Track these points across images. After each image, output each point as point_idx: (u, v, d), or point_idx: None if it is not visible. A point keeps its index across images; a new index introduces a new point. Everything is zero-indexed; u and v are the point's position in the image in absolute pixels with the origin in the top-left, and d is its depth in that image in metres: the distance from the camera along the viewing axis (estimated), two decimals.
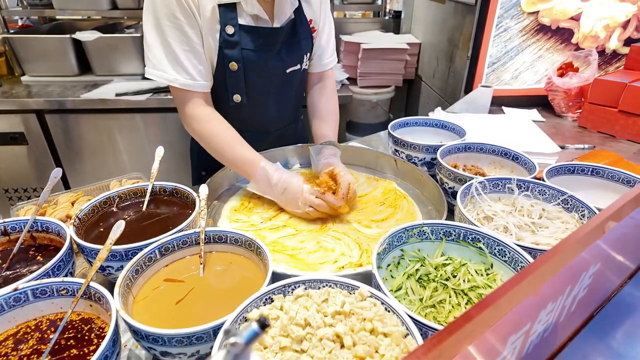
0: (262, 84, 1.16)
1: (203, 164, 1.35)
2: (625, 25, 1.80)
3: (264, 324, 0.25)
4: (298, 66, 1.20)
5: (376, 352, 0.53)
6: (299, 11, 1.15)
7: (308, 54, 1.22)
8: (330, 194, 0.98)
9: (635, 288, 0.73)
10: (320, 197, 0.97)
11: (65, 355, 0.59)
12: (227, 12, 1.02)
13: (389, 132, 1.26)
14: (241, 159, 1.05)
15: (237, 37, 1.05)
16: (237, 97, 1.14)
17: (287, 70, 1.18)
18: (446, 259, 0.76)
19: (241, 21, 1.05)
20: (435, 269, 0.74)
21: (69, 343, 0.61)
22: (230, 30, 1.03)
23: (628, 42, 1.82)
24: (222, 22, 1.02)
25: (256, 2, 1.03)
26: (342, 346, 0.54)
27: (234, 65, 1.07)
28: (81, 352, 0.59)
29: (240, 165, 1.06)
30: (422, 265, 0.76)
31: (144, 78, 2.32)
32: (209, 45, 1.04)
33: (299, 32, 1.16)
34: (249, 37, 1.06)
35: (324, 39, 1.27)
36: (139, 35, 2.24)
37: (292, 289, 0.63)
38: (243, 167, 1.05)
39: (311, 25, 1.21)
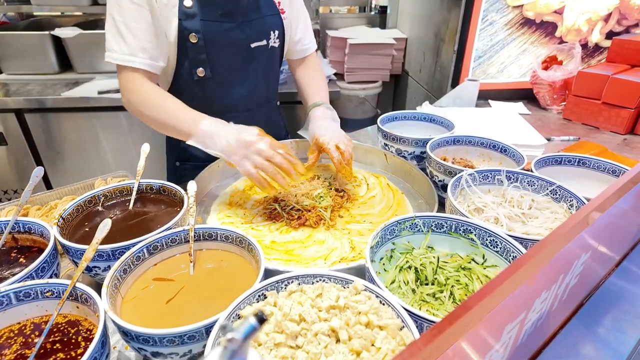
0: (225, 57, 1.16)
1: (177, 155, 1.37)
2: (607, 18, 1.84)
3: (261, 319, 0.24)
4: (264, 42, 1.20)
5: (372, 345, 0.52)
6: None
7: (276, 32, 1.23)
8: (292, 155, 0.93)
9: (619, 277, 0.75)
10: (285, 150, 0.93)
11: (51, 359, 0.57)
12: None
13: (378, 126, 1.25)
14: (183, 114, 1.00)
15: (195, 9, 1.05)
16: (200, 71, 1.13)
17: (252, 45, 1.18)
18: (437, 252, 0.76)
19: None
20: (428, 262, 0.74)
21: (55, 347, 0.59)
22: (188, 2, 1.04)
23: (610, 35, 1.85)
24: None
25: None
26: (338, 340, 0.53)
27: (193, 38, 1.07)
28: (68, 356, 0.57)
29: (181, 121, 0.99)
30: (413, 258, 0.75)
31: None
32: (168, 21, 1.04)
33: (262, 7, 1.18)
34: (208, 9, 1.07)
35: (301, 24, 1.31)
36: None
37: (286, 285, 0.63)
38: (184, 123, 0.98)
39: (280, 7, 1.23)
